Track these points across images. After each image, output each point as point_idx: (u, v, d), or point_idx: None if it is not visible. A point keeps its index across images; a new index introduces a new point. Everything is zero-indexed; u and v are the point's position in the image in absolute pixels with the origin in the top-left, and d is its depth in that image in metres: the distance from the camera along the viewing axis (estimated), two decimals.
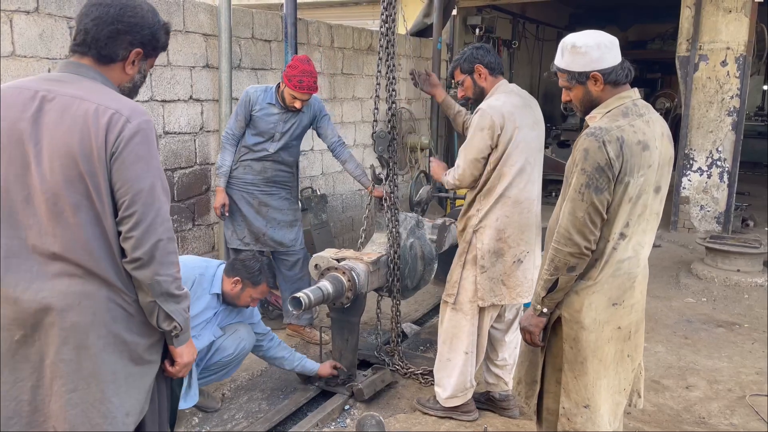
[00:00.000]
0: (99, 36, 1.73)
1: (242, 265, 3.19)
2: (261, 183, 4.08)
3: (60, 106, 1.68)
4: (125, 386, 1.80)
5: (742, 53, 6.92)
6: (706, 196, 7.30)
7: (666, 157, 2.21)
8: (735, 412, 3.47)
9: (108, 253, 1.73)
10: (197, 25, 4.59)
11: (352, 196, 6.63)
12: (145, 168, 1.70)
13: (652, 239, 2.28)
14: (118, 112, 1.68)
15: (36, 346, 1.74)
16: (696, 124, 7.24)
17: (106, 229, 1.71)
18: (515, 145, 3.01)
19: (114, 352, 1.77)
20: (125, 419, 1.80)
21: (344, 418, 3.31)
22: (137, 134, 1.68)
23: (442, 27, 7.47)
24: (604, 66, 2.15)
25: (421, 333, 4.48)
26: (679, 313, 5.00)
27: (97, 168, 1.67)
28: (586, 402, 2.20)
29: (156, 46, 1.85)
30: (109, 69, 1.78)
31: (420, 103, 7.75)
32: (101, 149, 1.66)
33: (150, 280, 1.72)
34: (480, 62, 3.17)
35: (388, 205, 3.64)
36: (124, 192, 1.68)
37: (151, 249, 1.70)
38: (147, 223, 1.69)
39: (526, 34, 11.00)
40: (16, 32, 3.55)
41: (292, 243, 4.20)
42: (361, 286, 3.43)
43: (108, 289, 1.75)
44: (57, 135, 1.67)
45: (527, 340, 2.28)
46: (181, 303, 1.81)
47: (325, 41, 6.02)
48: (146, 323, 1.82)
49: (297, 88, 3.81)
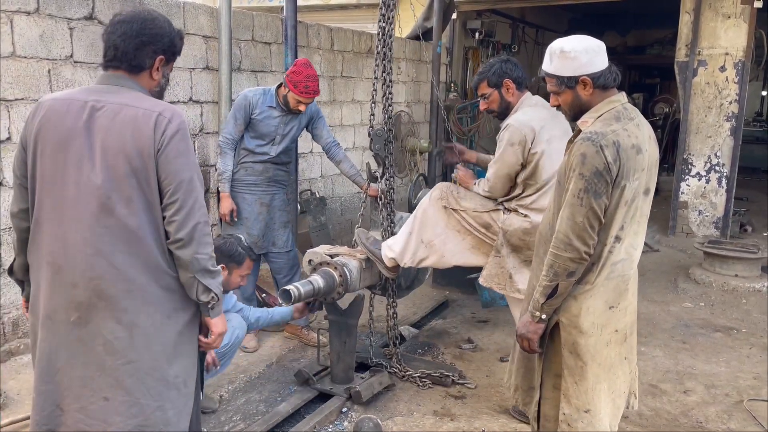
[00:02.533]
0: (127, 49, 1.98)
1: (219, 252, 3.10)
2: (263, 183, 4.08)
3: (110, 113, 1.93)
4: (173, 353, 2.07)
5: (740, 59, 6.93)
6: (705, 201, 7.31)
7: (653, 159, 2.23)
8: (732, 417, 3.47)
9: (155, 237, 1.97)
10: (197, 27, 4.60)
11: (350, 199, 6.64)
12: (185, 161, 1.96)
13: (642, 240, 2.29)
14: (162, 115, 1.94)
15: (89, 328, 1.98)
16: (695, 130, 7.26)
17: (155, 216, 1.97)
18: (548, 157, 3.04)
19: (161, 326, 2.03)
20: (175, 380, 2.09)
21: (342, 421, 3.31)
22: (178, 133, 1.95)
23: (442, 31, 7.48)
24: (593, 70, 2.16)
25: (420, 336, 4.48)
26: (677, 318, 5.00)
27: (147, 163, 1.92)
28: (586, 407, 2.20)
29: (175, 51, 2.10)
30: (140, 77, 2.03)
31: (420, 107, 7.76)
32: (150, 147, 1.91)
33: (190, 258, 1.97)
34: (509, 77, 3.20)
35: (383, 203, 3.65)
36: (168, 182, 1.94)
37: (191, 231, 1.95)
38: (188, 208, 1.95)
39: (525, 39, 11.02)
40: (16, 33, 3.55)
41: (284, 244, 4.20)
42: (353, 283, 3.44)
43: (154, 271, 1.98)
44: (109, 138, 1.92)
45: (525, 347, 2.27)
46: (217, 278, 2.06)
47: (325, 44, 6.03)
48: (185, 298, 2.06)
49: (303, 94, 3.82)
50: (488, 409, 3.46)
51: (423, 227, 3.36)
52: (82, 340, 1.98)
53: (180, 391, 2.11)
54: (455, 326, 4.70)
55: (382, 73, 3.51)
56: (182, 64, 4.50)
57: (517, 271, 3.17)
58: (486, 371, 3.93)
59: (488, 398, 3.58)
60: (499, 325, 4.68)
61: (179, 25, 4.44)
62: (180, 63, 4.48)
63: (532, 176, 3.09)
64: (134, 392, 2.01)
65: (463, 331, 4.58)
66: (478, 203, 3.28)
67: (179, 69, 4.48)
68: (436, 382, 3.70)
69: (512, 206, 3.18)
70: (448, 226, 3.32)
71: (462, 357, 4.14)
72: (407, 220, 3.47)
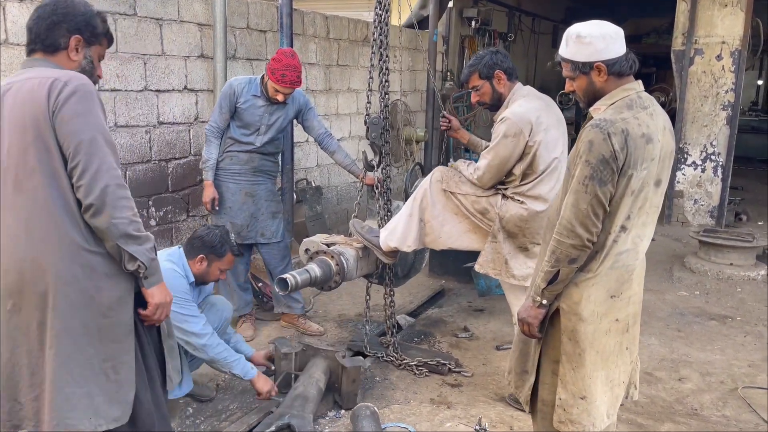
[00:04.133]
0: (40, 31, 1.98)
1: (201, 241, 3.11)
2: (248, 173, 4.04)
3: (13, 92, 1.91)
4: (98, 336, 1.97)
5: (737, 47, 6.92)
6: (700, 190, 7.32)
7: (667, 150, 2.20)
8: (727, 404, 3.49)
9: (67, 210, 1.89)
10: (192, 15, 4.56)
11: (347, 188, 6.63)
12: (84, 121, 1.87)
13: (651, 232, 2.28)
14: (58, 79, 1.88)
15: (23, 314, 1.93)
16: (691, 119, 7.25)
17: (63, 186, 1.88)
18: (545, 146, 3.07)
19: (81, 307, 1.94)
20: (103, 364, 1.98)
21: (339, 409, 3.32)
22: (74, 94, 1.87)
23: (438, 19, 7.45)
24: (609, 57, 2.14)
25: (416, 325, 4.49)
26: (672, 306, 5.02)
27: (44, 130, 1.86)
28: (582, 393, 2.20)
29: (95, 33, 2.06)
30: (57, 58, 2.00)
31: (416, 96, 7.74)
32: (45, 112, 1.85)
33: (106, 224, 1.88)
34: (500, 68, 3.21)
35: (379, 192, 3.64)
36: (67, 145, 1.86)
37: (101, 194, 1.85)
38: (92, 171, 1.85)
39: (522, 27, 10.98)
40: (8, 20, 3.52)
41: (273, 234, 4.16)
42: (350, 271, 3.44)
43: (69, 248, 1.90)
44: (12, 113, 1.89)
45: (525, 331, 2.28)
46: (144, 244, 1.96)
47: (321, 32, 6.00)
48: (110, 275, 1.96)
49: (279, 82, 3.78)
50: (485, 397, 3.47)
51: (422, 208, 3.37)
52: (20, 327, 1.93)
53: (108, 377, 1.99)
54: (451, 315, 4.71)
55: (380, 62, 3.49)
56: (177, 52, 4.47)
57: (513, 257, 3.19)
58: (482, 359, 3.94)
59: (484, 386, 3.59)
60: (495, 313, 4.69)
61: (173, 12, 4.40)
62: (174, 51, 4.44)
63: (531, 166, 3.11)
64: (60, 378, 1.92)
65: (459, 320, 4.59)
66: (477, 187, 3.30)
67: (174, 57, 4.45)
68: (433, 371, 3.71)
69: (509, 193, 3.19)
70: (446, 209, 3.34)
71: (458, 345, 4.15)
72: (406, 203, 3.47)
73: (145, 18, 4.22)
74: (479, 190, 3.27)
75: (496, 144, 3.11)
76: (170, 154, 4.50)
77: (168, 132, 4.47)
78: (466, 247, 3.41)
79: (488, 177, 3.19)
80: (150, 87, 4.30)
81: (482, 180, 3.21)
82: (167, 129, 4.47)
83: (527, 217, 3.12)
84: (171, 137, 4.49)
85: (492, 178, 3.20)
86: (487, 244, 3.25)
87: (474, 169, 3.25)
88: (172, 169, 4.52)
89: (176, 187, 4.58)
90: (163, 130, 4.43)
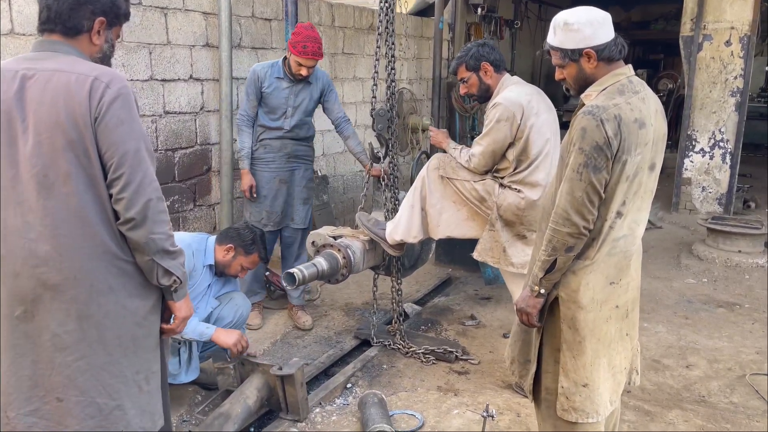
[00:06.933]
0: (61, 9, 1.78)
1: (236, 233, 3.23)
2: (281, 159, 4.09)
3: (41, 81, 1.74)
4: (132, 347, 1.89)
5: (746, 33, 6.85)
6: (708, 178, 7.28)
7: (660, 133, 2.19)
8: (735, 391, 3.49)
9: (103, 218, 1.79)
10: (197, 4, 4.54)
11: (353, 178, 6.62)
12: (129, 130, 1.76)
13: (646, 217, 2.28)
14: (98, 79, 1.74)
15: (35, 322, 1.81)
16: (699, 105, 7.20)
17: (100, 194, 1.78)
18: (537, 130, 3.10)
19: (116, 317, 1.85)
20: (135, 376, 1.91)
21: (347, 396, 3.34)
22: (118, 98, 1.74)
23: (444, 6, 7.39)
24: (597, 42, 2.13)
25: (423, 313, 4.50)
26: (680, 294, 5.01)
27: (84, 134, 1.73)
28: (584, 381, 2.20)
29: (118, 14, 1.90)
30: (77, 41, 1.83)
31: (421, 84, 7.71)
32: (85, 115, 1.72)
33: (145, 239, 1.80)
34: (486, 60, 3.25)
35: (386, 184, 3.64)
36: (110, 155, 1.74)
37: (143, 209, 1.77)
38: (136, 183, 1.76)
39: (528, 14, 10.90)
40: (14, 10, 3.52)
41: (302, 220, 4.22)
42: (357, 264, 3.44)
43: (103, 256, 1.81)
44: (42, 109, 1.73)
45: (524, 321, 2.28)
46: (177, 258, 1.90)
47: (326, 20, 5.97)
48: (144, 285, 1.89)
49: (301, 54, 3.78)
50: (492, 384, 3.48)
51: (422, 197, 3.39)
52: (29, 336, 1.81)
53: (141, 388, 1.93)
54: (458, 303, 4.71)
55: (386, 49, 3.48)
56: (182, 42, 4.46)
57: (511, 245, 3.21)
58: (489, 347, 3.95)
59: (491, 374, 3.60)
60: (502, 301, 4.70)
61: (178, 2, 4.38)
62: (180, 40, 4.44)
63: (524, 151, 3.14)
64: (89, 391, 1.83)
65: (466, 308, 4.59)
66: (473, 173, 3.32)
67: (179, 46, 4.44)
68: (440, 358, 3.72)
69: (506, 182, 3.20)
70: (444, 197, 3.35)
71: (465, 333, 4.16)
72: (407, 195, 3.47)
73: (150, 7, 4.21)
74: (476, 175, 3.28)
75: (490, 129, 3.13)
76: (176, 144, 4.50)
77: (174, 121, 4.47)
78: (464, 235, 3.41)
79: (483, 163, 3.22)
80: (156, 76, 4.30)
81: (478, 166, 3.24)
82: (173, 118, 4.47)
83: (524, 206, 3.15)
84: (177, 127, 4.50)
85: (486, 164, 3.22)
86: (485, 233, 3.27)
87: (469, 156, 3.26)
88: (178, 159, 4.53)
89: (183, 177, 4.59)
90: (169, 120, 4.43)
